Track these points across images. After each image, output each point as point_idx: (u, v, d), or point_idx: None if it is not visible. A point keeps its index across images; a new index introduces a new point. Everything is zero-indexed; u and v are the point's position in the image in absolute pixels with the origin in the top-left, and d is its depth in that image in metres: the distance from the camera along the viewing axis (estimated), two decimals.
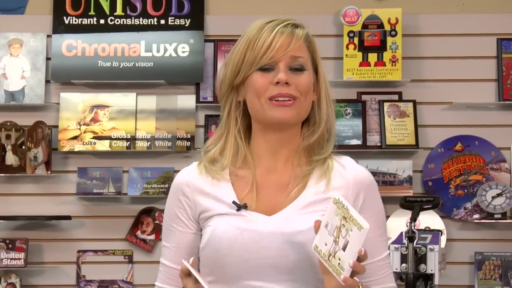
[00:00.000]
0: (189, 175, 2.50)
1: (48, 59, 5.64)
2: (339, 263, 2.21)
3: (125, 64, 5.61)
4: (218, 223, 2.40)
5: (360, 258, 2.19)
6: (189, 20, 5.64)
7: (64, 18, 5.64)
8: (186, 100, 5.55)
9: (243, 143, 2.47)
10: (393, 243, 4.20)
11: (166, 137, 5.56)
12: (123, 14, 5.66)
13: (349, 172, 2.45)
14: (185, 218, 2.46)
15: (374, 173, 5.29)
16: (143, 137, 5.58)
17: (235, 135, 2.47)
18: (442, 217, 5.43)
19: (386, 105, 5.58)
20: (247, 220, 2.38)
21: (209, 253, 2.39)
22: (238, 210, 2.39)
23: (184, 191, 2.47)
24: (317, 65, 2.40)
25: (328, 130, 2.43)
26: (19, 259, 5.46)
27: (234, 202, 2.40)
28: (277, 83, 2.37)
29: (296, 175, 2.44)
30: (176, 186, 2.51)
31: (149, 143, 5.58)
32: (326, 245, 2.24)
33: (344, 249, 2.20)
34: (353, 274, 2.20)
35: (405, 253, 4.35)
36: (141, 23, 5.66)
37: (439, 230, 4.85)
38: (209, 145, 2.49)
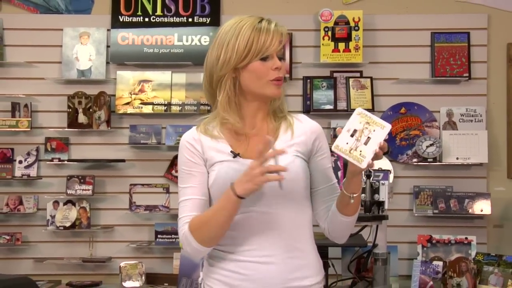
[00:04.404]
0: (194, 134, 2.51)
1: (108, 46, 5.63)
2: (360, 154, 2.22)
3: (163, 51, 5.59)
4: (221, 168, 2.44)
5: (382, 149, 2.26)
6: (209, 18, 5.60)
7: (119, 17, 5.63)
8: None
9: (237, 108, 2.49)
10: None
11: (193, 103, 5.55)
12: (161, 14, 5.63)
13: (305, 125, 2.55)
14: (200, 163, 2.47)
15: None
16: (176, 103, 5.56)
17: (235, 102, 2.48)
18: (390, 161, 5.46)
19: (351, 80, 5.55)
20: (241, 164, 2.41)
21: (216, 190, 2.43)
22: (234, 157, 2.45)
23: (194, 144, 2.48)
24: (284, 52, 2.50)
25: (282, 97, 2.54)
26: (88, 190, 5.50)
27: (231, 151, 2.45)
28: (276, 68, 2.43)
29: (270, 129, 2.51)
30: (186, 142, 2.50)
31: (180, 107, 5.56)
32: (347, 143, 2.24)
33: (366, 143, 2.23)
34: (374, 159, 2.27)
35: (364, 186, 4.47)
36: (174, 20, 5.62)
37: (388, 170, 5.01)
38: (223, 107, 2.46)
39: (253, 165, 2.28)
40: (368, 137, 2.23)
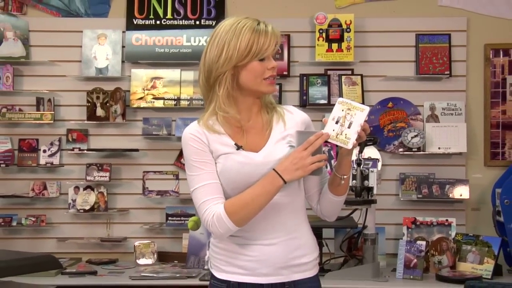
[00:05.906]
0: (197, 128, 2.49)
1: (123, 47, 5.63)
2: (346, 136, 2.28)
3: (173, 50, 5.59)
4: (226, 160, 2.44)
5: (365, 130, 2.34)
6: (215, 21, 5.55)
7: (133, 20, 5.64)
8: None
9: (234, 102, 2.49)
10: None
11: (200, 98, 5.46)
12: (171, 17, 5.63)
13: (296, 116, 2.58)
14: (209, 153, 2.46)
15: None
16: (185, 98, 5.55)
17: (233, 96, 2.48)
18: (379, 150, 5.50)
19: (343, 77, 5.54)
20: (244, 156, 2.44)
21: (222, 180, 2.44)
22: (237, 149, 2.46)
23: (199, 137, 2.46)
24: (281, 53, 2.54)
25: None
26: (105, 176, 5.53)
27: (236, 144, 2.46)
28: (272, 67, 2.47)
29: (265, 122, 2.53)
30: (191, 135, 2.47)
31: (189, 102, 5.54)
32: (333, 130, 2.29)
33: (349, 127, 2.28)
34: (358, 139, 2.33)
35: (355, 173, 4.57)
36: (183, 23, 5.63)
37: (377, 159, 5.34)
38: (223, 101, 2.47)
39: (302, 155, 2.34)
40: (351, 121, 2.30)
